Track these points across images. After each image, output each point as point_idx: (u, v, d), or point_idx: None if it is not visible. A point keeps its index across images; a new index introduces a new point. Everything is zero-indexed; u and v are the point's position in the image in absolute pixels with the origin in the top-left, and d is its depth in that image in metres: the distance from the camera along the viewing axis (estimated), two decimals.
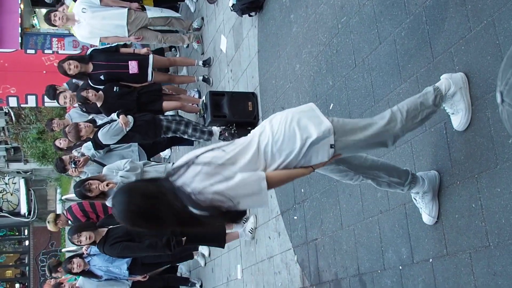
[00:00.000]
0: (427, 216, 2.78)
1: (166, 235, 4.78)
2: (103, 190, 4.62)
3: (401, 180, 2.67)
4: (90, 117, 6.12)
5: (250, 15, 5.45)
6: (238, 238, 5.38)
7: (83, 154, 5.72)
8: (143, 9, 6.48)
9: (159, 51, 7.46)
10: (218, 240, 5.28)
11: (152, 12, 6.51)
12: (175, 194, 2.08)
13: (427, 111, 2.48)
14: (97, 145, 5.47)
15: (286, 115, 2.31)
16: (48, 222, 6.18)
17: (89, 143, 5.60)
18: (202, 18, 7.09)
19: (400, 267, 3.04)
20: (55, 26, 6.33)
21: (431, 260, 2.80)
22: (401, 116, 2.39)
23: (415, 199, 2.81)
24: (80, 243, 4.98)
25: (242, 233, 5.28)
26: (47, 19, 6.14)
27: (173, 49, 8.18)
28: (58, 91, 6.08)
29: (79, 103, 6.00)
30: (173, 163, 4.63)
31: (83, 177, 5.54)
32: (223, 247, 5.43)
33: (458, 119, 2.60)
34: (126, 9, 6.31)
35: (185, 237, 4.96)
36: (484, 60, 2.50)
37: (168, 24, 6.73)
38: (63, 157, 5.81)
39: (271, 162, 2.24)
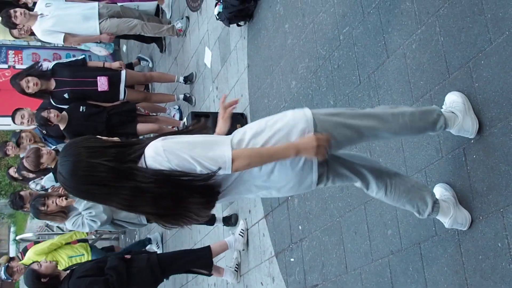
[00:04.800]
0: None
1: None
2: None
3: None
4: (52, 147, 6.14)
5: (238, 25, 5.51)
6: (227, 249, 5.23)
7: (42, 187, 5.67)
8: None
9: (128, 66, 7.52)
10: (205, 260, 5.09)
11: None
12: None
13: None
14: None
15: None
16: None
17: (51, 174, 5.56)
18: (188, 18, 7.12)
19: None
20: (15, 25, 6.22)
21: None
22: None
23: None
24: None
25: (231, 241, 5.13)
26: (6, 16, 6.08)
27: (142, 61, 8.28)
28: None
29: (39, 124, 5.99)
30: None
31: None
32: (210, 271, 5.22)
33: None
34: (97, 3, 6.43)
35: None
36: (508, 76, 2.53)
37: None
38: (22, 193, 5.75)
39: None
